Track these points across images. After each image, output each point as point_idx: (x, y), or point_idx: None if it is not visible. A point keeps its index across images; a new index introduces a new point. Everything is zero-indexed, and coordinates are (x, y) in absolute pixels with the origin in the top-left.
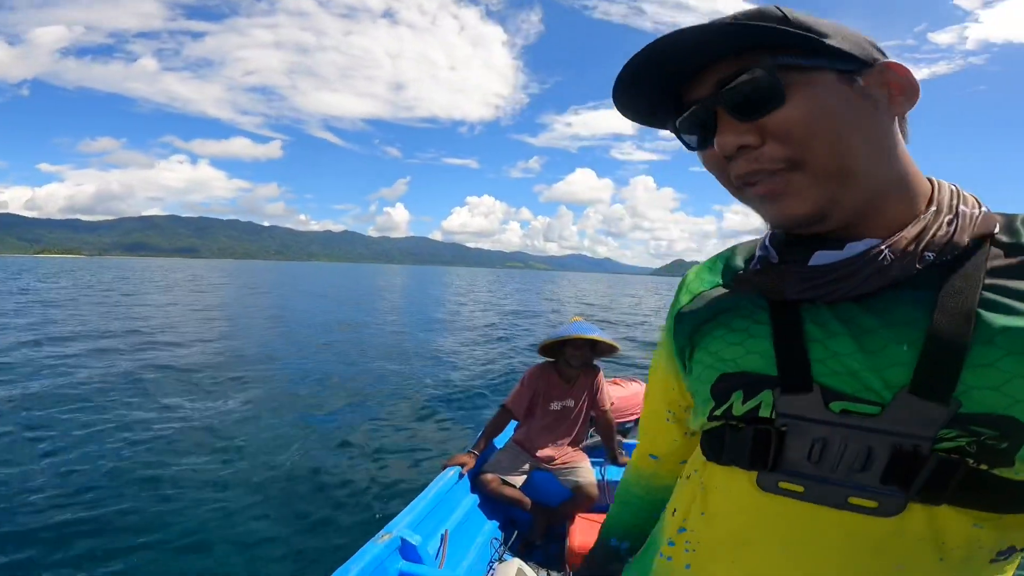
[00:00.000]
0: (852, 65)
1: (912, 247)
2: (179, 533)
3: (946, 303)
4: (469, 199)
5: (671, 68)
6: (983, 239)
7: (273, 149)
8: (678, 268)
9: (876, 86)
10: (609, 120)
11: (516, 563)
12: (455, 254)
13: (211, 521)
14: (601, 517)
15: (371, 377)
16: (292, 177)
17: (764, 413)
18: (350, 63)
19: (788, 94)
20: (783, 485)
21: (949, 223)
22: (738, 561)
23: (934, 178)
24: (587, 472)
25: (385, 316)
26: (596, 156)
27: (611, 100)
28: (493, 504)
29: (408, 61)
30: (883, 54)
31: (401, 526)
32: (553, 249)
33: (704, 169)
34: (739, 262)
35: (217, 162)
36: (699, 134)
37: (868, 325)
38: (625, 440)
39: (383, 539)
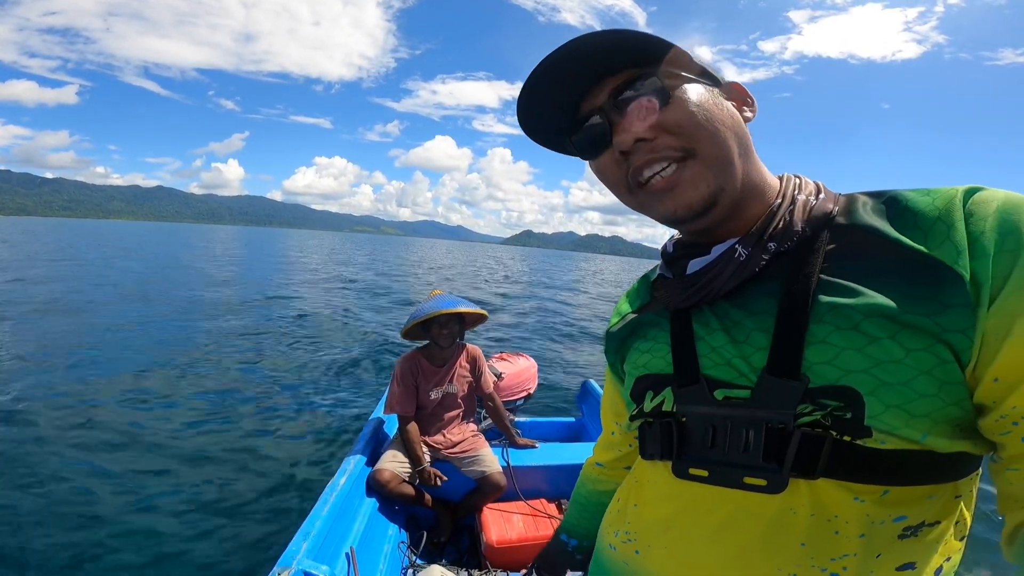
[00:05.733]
0: (711, 81)
1: (760, 240)
2: None
3: (789, 288)
4: (318, 159)
5: (574, 71)
6: (824, 223)
7: (66, 94)
8: (526, 238)
9: (728, 99)
10: (475, 92)
11: (437, 570)
12: (297, 216)
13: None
14: (510, 505)
15: (204, 372)
16: (91, 126)
17: (667, 408)
18: (191, 9)
19: (672, 96)
20: (692, 471)
21: (789, 213)
22: (669, 546)
23: (786, 173)
24: (491, 460)
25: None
26: (458, 126)
27: (482, 74)
28: (394, 505)
29: (265, 12)
30: (723, 78)
31: (300, 556)
32: (406, 215)
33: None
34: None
35: None
36: (596, 141)
37: (736, 317)
38: (517, 419)
39: None
